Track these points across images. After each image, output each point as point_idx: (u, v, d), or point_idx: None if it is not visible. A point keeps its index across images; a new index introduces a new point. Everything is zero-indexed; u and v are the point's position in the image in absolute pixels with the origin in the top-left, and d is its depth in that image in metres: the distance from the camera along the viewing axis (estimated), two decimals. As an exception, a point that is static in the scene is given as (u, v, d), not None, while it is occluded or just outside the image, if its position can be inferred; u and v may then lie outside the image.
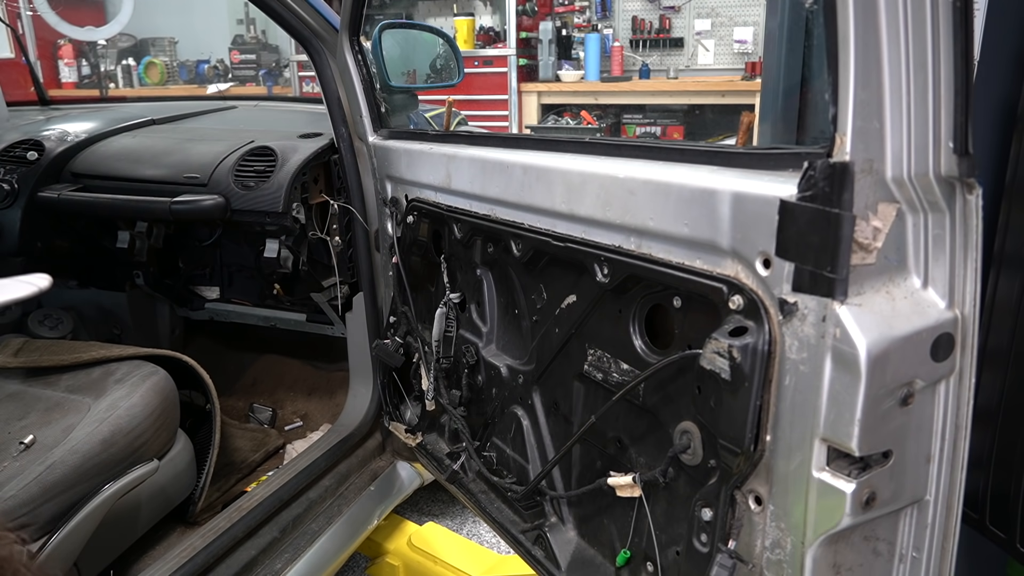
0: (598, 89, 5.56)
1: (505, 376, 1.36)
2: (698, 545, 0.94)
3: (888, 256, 0.70)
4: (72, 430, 1.46)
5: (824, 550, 0.77)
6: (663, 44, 5.71)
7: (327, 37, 1.72)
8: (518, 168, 1.17)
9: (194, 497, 1.72)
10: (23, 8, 5.17)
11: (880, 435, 0.72)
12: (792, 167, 0.76)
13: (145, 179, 1.92)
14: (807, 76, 1.43)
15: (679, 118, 5.61)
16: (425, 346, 1.59)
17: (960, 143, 0.68)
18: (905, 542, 0.79)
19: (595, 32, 5.71)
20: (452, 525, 2.27)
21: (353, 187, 1.76)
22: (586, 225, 1.04)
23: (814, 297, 0.72)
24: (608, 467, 1.11)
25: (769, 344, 0.76)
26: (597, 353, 1.10)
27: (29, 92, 3.12)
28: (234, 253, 2.21)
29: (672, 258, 0.90)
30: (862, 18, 0.64)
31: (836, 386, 0.71)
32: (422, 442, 1.71)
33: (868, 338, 0.68)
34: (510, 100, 5.51)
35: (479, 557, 1.91)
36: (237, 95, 5.34)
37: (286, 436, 2.21)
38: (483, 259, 1.37)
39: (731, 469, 0.84)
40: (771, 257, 0.76)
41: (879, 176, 0.68)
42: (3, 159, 1.99)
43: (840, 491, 0.73)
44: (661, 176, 0.90)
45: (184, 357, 1.78)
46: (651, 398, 1.00)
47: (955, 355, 0.73)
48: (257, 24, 6.66)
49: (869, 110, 0.66)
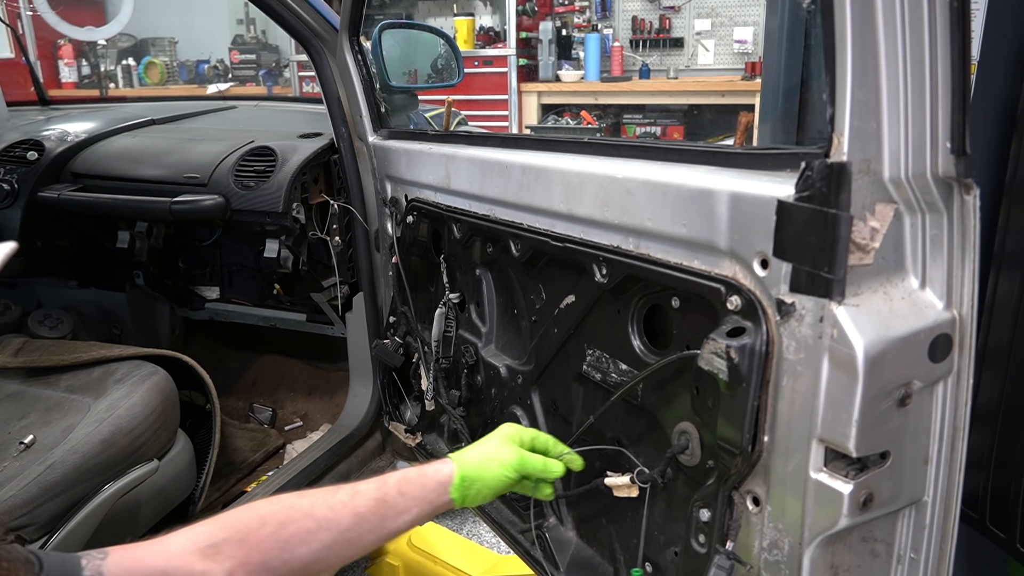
0: (598, 89, 5.56)
1: (504, 376, 1.36)
2: (696, 546, 0.94)
3: (886, 256, 0.70)
4: (72, 430, 1.46)
5: (822, 551, 0.77)
6: (663, 44, 5.71)
7: (327, 37, 1.72)
8: (517, 168, 1.17)
9: (194, 497, 1.72)
10: (23, 8, 5.17)
11: (878, 436, 0.72)
12: (790, 167, 0.76)
13: (145, 179, 1.92)
14: (807, 76, 1.43)
15: (679, 118, 5.61)
16: (425, 346, 1.59)
17: (957, 143, 0.68)
18: (903, 543, 0.79)
19: (595, 32, 5.71)
20: (452, 525, 2.27)
21: (353, 187, 1.76)
22: (585, 225, 1.04)
23: (811, 298, 0.72)
24: (607, 467, 1.11)
25: (767, 345, 0.76)
26: (596, 353, 1.10)
27: (29, 92, 3.12)
28: (234, 253, 2.22)
29: (670, 258, 0.90)
30: (859, 18, 0.64)
31: (833, 387, 0.71)
32: (422, 442, 1.71)
33: (865, 339, 0.68)
34: (510, 100, 5.51)
35: (479, 557, 1.91)
36: (237, 95, 5.34)
37: (286, 436, 2.21)
38: (482, 259, 1.37)
39: (729, 470, 0.84)
40: (769, 257, 0.76)
41: (876, 176, 0.68)
42: (3, 159, 1.99)
43: (838, 492, 0.73)
44: (659, 176, 0.90)
45: (184, 357, 1.78)
46: (650, 398, 1.00)
47: (953, 356, 0.73)
48: (257, 24, 6.66)
49: (866, 110, 0.66)
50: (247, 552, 0.87)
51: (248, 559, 0.87)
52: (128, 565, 0.81)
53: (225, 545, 0.87)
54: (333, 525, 0.92)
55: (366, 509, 0.94)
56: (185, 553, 0.85)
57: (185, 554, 0.85)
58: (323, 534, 0.92)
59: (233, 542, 0.87)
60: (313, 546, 0.91)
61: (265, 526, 0.90)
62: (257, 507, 0.92)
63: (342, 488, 0.96)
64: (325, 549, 0.92)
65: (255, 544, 0.88)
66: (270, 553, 0.89)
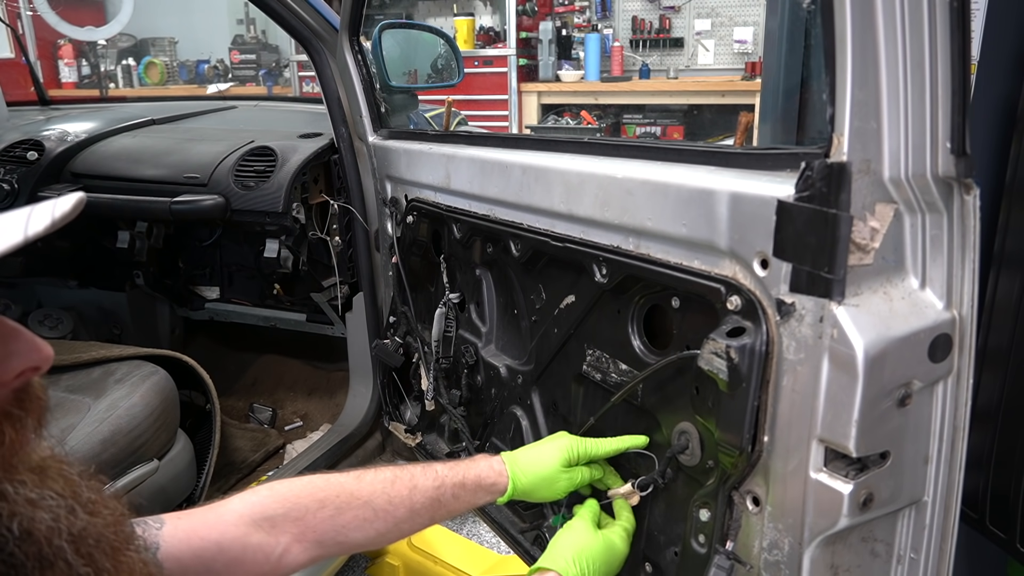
0: (598, 89, 5.56)
1: (504, 376, 1.36)
2: (696, 546, 0.94)
3: (886, 257, 0.70)
4: (72, 430, 1.46)
5: (822, 551, 0.77)
6: (663, 44, 5.71)
7: (327, 37, 1.72)
8: (517, 168, 1.17)
9: (194, 497, 1.72)
10: (23, 8, 5.17)
11: (877, 436, 0.72)
12: (790, 167, 0.76)
13: (145, 179, 1.92)
14: (807, 76, 1.43)
15: (679, 118, 5.61)
16: (425, 346, 1.59)
17: (957, 143, 0.68)
18: (903, 543, 0.79)
19: (595, 32, 5.70)
20: (452, 525, 2.27)
21: (353, 187, 1.76)
22: (585, 225, 1.04)
23: (811, 298, 0.72)
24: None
25: (767, 345, 0.76)
26: (596, 353, 1.10)
27: (29, 92, 3.12)
28: (234, 253, 2.22)
29: (670, 258, 0.90)
30: (859, 18, 0.64)
31: (833, 387, 0.71)
32: (422, 442, 1.71)
33: (865, 339, 0.68)
34: (510, 100, 5.51)
35: (479, 557, 1.91)
36: (237, 95, 5.34)
37: (286, 436, 2.21)
38: (482, 259, 1.37)
39: (729, 470, 0.84)
40: (769, 257, 0.76)
41: (876, 176, 0.68)
42: (3, 159, 1.99)
43: (837, 492, 0.73)
44: (659, 176, 0.90)
45: (184, 357, 1.78)
46: (650, 398, 1.00)
47: (953, 356, 0.73)
48: (257, 24, 6.66)
49: (866, 110, 0.66)
50: (303, 530, 0.90)
51: (303, 536, 0.90)
52: (183, 535, 0.82)
53: (282, 520, 0.89)
54: (389, 517, 0.96)
55: (421, 506, 0.98)
56: (241, 523, 0.86)
57: (241, 524, 0.86)
58: (378, 524, 0.95)
59: (291, 519, 0.90)
60: (368, 533, 0.95)
61: (324, 508, 0.92)
62: (316, 487, 0.94)
63: (400, 479, 0.98)
64: (378, 536, 0.96)
65: (312, 524, 0.91)
66: (326, 534, 0.92)
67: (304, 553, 0.90)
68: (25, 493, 0.53)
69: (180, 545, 0.80)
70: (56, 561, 0.54)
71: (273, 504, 0.90)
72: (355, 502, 0.94)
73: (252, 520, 0.87)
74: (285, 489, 0.93)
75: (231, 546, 0.85)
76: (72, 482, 0.58)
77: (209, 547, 0.83)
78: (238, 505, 0.89)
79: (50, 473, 0.57)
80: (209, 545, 0.83)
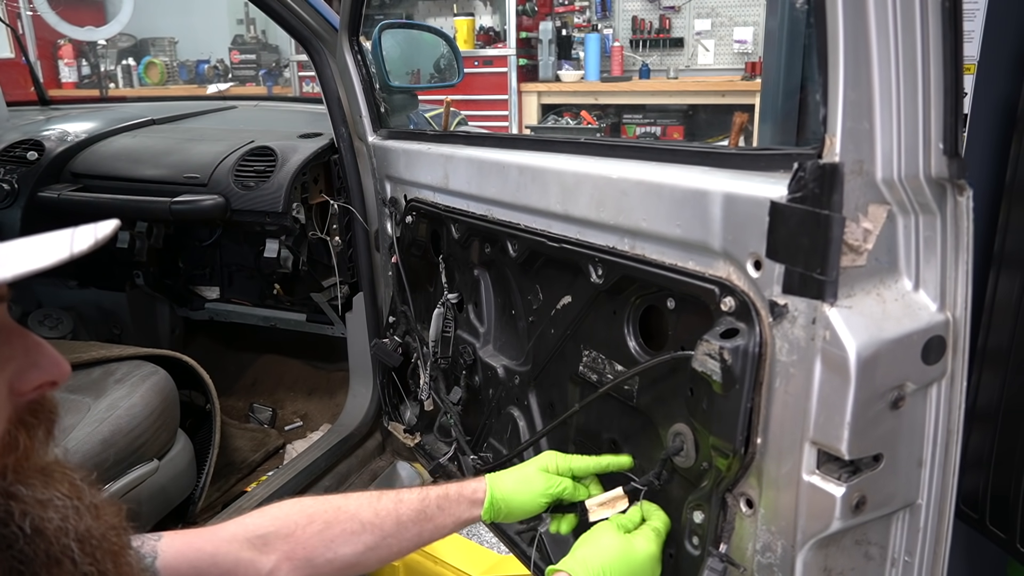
0: (598, 89, 5.55)
1: (502, 377, 1.36)
2: (689, 548, 0.93)
3: (879, 258, 0.70)
4: (72, 430, 1.47)
5: (815, 554, 0.77)
6: (663, 44, 5.71)
7: (327, 37, 1.72)
8: (514, 168, 1.17)
9: (194, 497, 1.73)
10: (23, 8, 5.18)
11: (870, 438, 0.71)
12: (783, 168, 0.75)
13: (145, 179, 1.92)
14: (807, 76, 1.43)
15: (679, 118, 5.60)
16: (424, 346, 1.59)
17: (950, 144, 0.68)
18: (897, 546, 0.79)
19: (595, 32, 5.70)
20: (451, 525, 2.27)
21: (353, 187, 1.76)
22: (581, 226, 1.04)
23: (804, 299, 0.71)
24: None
25: (760, 346, 0.76)
26: (592, 354, 1.10)
27: (29, 92, 3.13)
28: (234, 253, 2.22)
29: (665, 259, 0.90)
30: (852, 18, 0.64)
31: (826, 389, 0.71)
32: (421, 442, 1.71)
33: (858, 341, 0.68)
34: (510, 100, 5.50)
35: (479, 557, 1.91)
36: (237, 95, 5.34)
37: (286, 436, 2.21)
38: (480, 259, 1.37)
39: (723, 471, 0.84)
40: (762, 259, 0.75)
41: (869, 177, 0.68)
42: (3, 159, 2.00)
43: (830, 494, 0.73)
44: (653, 177, 0.90)
45: (184, 357, 1.78)
46: (645, 399, 1.00)
47: (946, 358, 0.73)
48: (257, 24, 6.66)
49: (859, 111, 0.66)
50: (293, 547, 0.92)
51: (293, 553, 0.92)
52: (180, 547, 0.85)
53: (273, 538, 0.92)
54: (376, 529, 0.97)
55: (407, 518, 1.00)
56: (235, 540, 0.89)
57: (235, 541, 0.89)
58: (366, 536, 0.97)
59: (281, 536, 0.92)
60: (356, 547, 0.96)
61: (312, 524, 0.94)
62: (305, 505, 0.98)
63: (386, 494, 1.01)
64: (367, 551, 0.97)
65: (302, 540, 0.93)
66: (315, 550, 0.94)
67: (294, 571, 0.93)
68: (35, 494, 0.56)
69: (177, 556, 0.84)
70: (63, 559, 0.56)
71: (264, 523, 0.93)
72: (342, 515, 0.97)
73: (246, 539, 0.91)
74: (276, 510, 0.97)
75: (224, 560, 0.88)
76: (76, 486, 0.61)
77: (204, 559, 0.86)
78: (233, 526, 0.93)
79: (56, 476, 0.59)
80: (204, 557, 0.86)
